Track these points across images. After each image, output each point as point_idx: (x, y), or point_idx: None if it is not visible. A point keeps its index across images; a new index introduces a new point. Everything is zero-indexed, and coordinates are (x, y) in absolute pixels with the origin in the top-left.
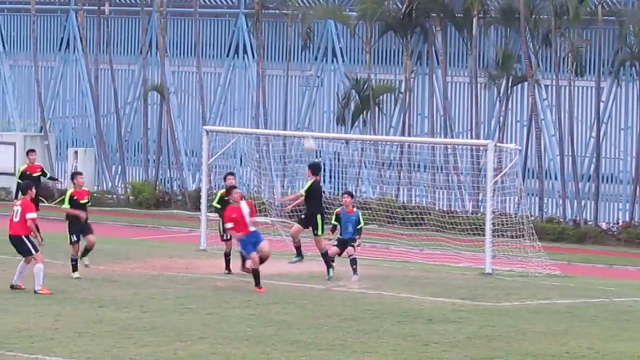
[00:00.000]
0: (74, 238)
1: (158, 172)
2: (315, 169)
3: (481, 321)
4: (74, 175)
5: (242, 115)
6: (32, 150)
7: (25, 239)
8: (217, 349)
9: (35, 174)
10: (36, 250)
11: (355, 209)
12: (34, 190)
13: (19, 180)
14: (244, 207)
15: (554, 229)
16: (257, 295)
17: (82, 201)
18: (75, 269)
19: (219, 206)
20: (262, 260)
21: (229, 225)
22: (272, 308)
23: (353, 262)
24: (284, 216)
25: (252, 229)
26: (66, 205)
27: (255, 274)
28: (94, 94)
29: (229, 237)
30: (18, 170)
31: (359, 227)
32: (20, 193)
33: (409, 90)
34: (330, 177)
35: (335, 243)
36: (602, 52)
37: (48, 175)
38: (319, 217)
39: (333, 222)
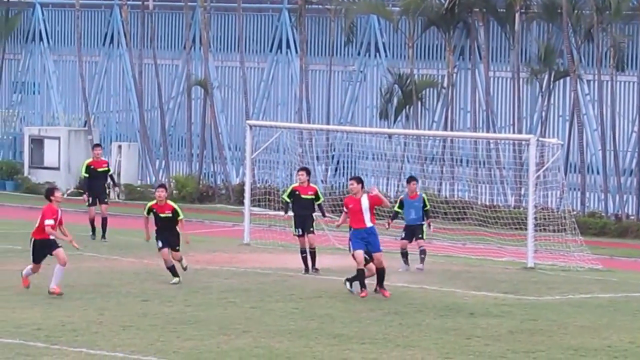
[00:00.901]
0: (160, 244)
1: (202, 167)
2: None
3: (523, 315)
4: (157, 188)
5: (285, 110)
6: (98, 145)
7: (33, 246)
8: (260, 343)
9: (100, 169)
10: (35, 262)
11: (419, 193)
12: (58, 194)
13: (85, 175)
14: (364, 202)
15: (596, 224)
16: (300, 289)
17: (162, 215)
18: (174, 274)
19: (289, 200)
20: (378, 269)
21: (345, 212)
22: (315, 302)
23: (422, 252)
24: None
25: (368, 224)
26: (145, 213)
27: (360, 274)
28: (138, 88)
29: (300, 232)
30: (83, 164)
31: (426, 209)
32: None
33: (452, 85)
34: (374, 171)
35: (403, 235)
36: None
37: (110, 172)
38: None
39: (396, 208)
